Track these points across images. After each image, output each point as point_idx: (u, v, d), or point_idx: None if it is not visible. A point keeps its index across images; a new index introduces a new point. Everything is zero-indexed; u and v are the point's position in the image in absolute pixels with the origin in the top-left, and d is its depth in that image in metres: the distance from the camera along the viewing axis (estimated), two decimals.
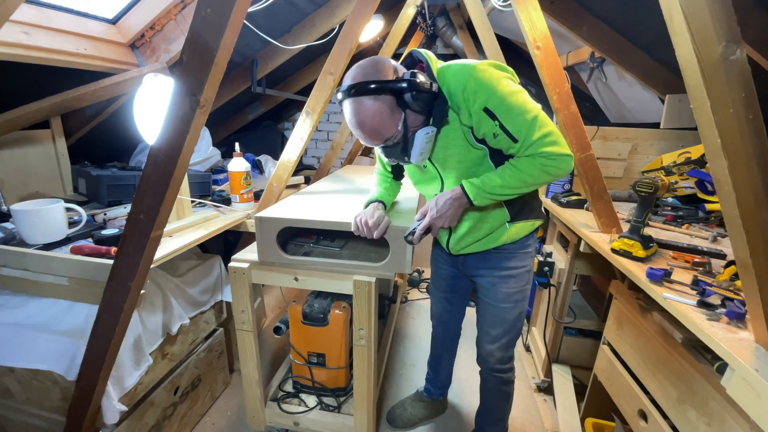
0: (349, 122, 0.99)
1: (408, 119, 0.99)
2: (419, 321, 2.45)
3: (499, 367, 1.32)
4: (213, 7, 0.68)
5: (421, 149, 1.01)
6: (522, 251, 1.21)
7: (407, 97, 0.94)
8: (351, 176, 2.11)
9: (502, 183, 1.00)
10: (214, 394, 1.72)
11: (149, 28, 1.62)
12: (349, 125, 1.00)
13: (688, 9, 0.56)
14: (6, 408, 1.17)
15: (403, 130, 0.99)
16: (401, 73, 0.97)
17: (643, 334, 1.17)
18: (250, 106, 3.04)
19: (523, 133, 0.95)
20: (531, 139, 0.95)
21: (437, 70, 1.02)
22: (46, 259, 1.04)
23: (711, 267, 1.10)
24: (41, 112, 1.49)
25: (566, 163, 0.98)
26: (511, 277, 1.21)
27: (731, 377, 0.75)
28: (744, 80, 0.57)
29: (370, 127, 0.97)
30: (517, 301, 1.23)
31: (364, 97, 0.94)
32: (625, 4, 1.58)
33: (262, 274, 1.28)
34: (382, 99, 0.94)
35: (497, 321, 1.25)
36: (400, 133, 0.99)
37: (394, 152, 1.05)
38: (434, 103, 1.00)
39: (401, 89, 0.93)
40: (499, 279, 1.22)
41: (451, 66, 1.02)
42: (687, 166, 1.64)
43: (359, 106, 0.95)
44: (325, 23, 2.14)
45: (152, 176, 0.81)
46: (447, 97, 1.00)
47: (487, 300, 1.26)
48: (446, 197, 1.05)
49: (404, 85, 0.93)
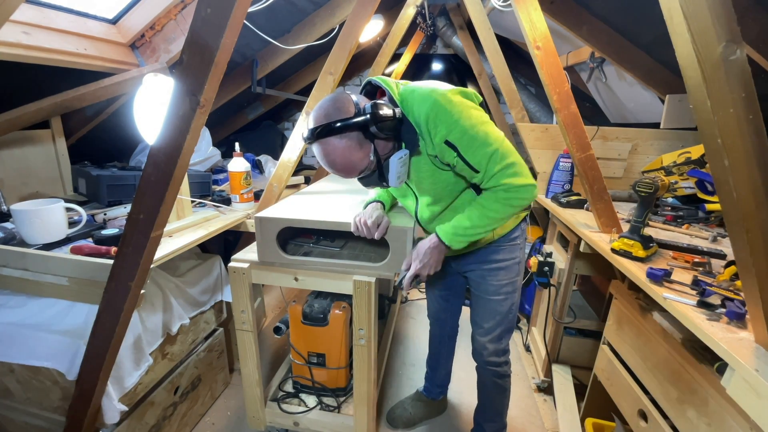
0: (321, 162, 1.00)
1: (378, 148, 1.00)
2: (419, 321, 2.45)
3: (493, 360, 1.33)
4: (213, 7, 0.68)
5: (397, 173, 1.03)
6: (509, 243, 1.23)
7: (372, 129, 0.95)
8: None
9: (471, 224, 1.04)
10: (214, 394, 1.72)
11: (149, 28, 1.62)
12: (322, 165, 1.01)
13: (688, 9, 0.56)
14: (6, 408, 1.17)
15: (375, 159, 1.01)
16: (362, 105, 0.97)
17: (643, 334, 1.17)
18: (250, 106, 3.04)
19: (484, 165, 0.98)
20: (492, 171, 0.98)
21: (399, 94, 1.03)
22: (46, 259, 1.04)
23: (711, 267, 1.10)
24: (41, 112, 1.49)
25: (529, 192, 1.00)
26: (501, 270, 1.23)
27: (731, 377, 0.75)
28: (744, 80, 0.57)
29: (342, 165, 0.99)
30: (508, 293, 1.25)
31: (330, 137, 0.95)
32: (625, 4, 1.58)
33: (262, 274, 1.28)
34: (348, 136, 0.95)
35: (489, 314, 1.28)
36: (373, 162, 1.01)
37: (371, 181, 1.06)
38: (401, 127, 1.01)
39: (365, 123, 0.94)
40: (488, 272, 1.24)
41: (415, 90, 1.01)
42: (687, 166, 1.64)
43: (327, 147, 0.96)
44: (325, 23, 2.14)
45: (152, 176, 0.81)
46: (414, 125, 1.01)
47: (479, 293, 1.29)
48: (425, 247, 1.09)
49: (367, 118, 0.93)
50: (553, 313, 1.76)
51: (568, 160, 1.89)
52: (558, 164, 1.92)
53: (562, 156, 1.92)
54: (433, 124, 0.97)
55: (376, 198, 1.24)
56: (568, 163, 1.90)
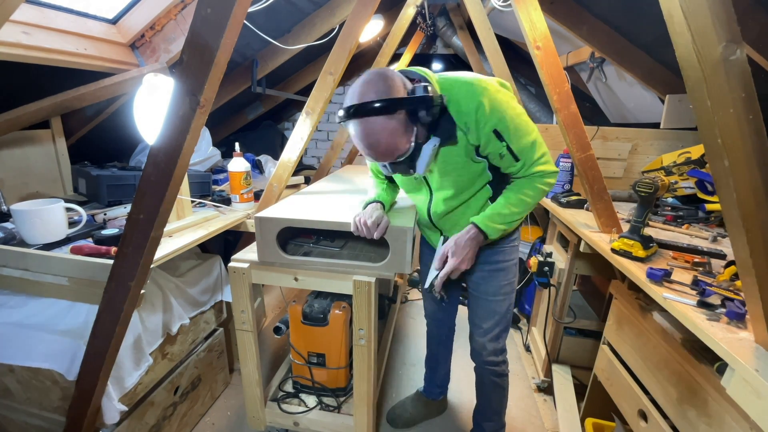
0: (359, 142, 0.95)
1: (418, 133, 0.98)
2: (419, 321, 2.45)
3: (492, 360, 1.34)
4: (213, 7, 0.68)
5: (428, 161, 1.01)
6: (509, 245, 1.26)
7: (421, 113, 0.92)
8: (351, 176, 2.11)
9: (509, 211, 1.07)
10: (214, 394, 1.72)
11: (149, 28, 1.62)
12: (359, 145, 0.96)
13: (688, 9, 0.56)
14: (6, 408, 1.17)
15: (414, 145, 0.98)
16: (408, 86, 0.94)
17: (643, 334, 1.17)
18: (250, 106, 3.04)
19: (525, 154, 1.03)
20: (531, 159, 1.03)
21: (438, 83, 1.01)
22: (46, 259, 1.04)
23: (711, 267, 1.10)
24: (41, 112, 1.49)
25: (554, 179, 1.09)
26: (501, 271, 1.25)
27: (731, 377, 0.75)
28: (744, 80, 0.57)
29: (385, 146, 0.94)
30: (507, 294, 1.27)
31: (378, 116, 0.89)
32: (625, 4, 1.58)
33: (262, 274, 1.28)
34: (397, 117, 0.91)
35: (489, 314, 1.28)
36: (412, 148, 0.98)
37: (400, 167, 1.04)
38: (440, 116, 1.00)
39: (416, 106, 0.91)
40: (489, 273, 1.26)
41: (457, 81, 1.00)
42: (687, 166, 1.64)
43: (372, 126, 0.91)
44: (325, 23, 2.14)
45: (152, 176, 0.81)
46: (454, 115, 0.99)
47: (478, 294, 1.29)
48: (463, 239, 1.09)
49: (420, 102, 0.91)
50: (553, 313, 1.76)
51: (568, 160, 1.89)
52: (558, 164, 1.92)
53: (562, 156, 1.92)
54: (483, 114, 0.96)
55: (376, 198, 1.24)
56: (568, 163, 1.90)
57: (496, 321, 1.28)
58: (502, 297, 1.27)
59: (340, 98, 3.49)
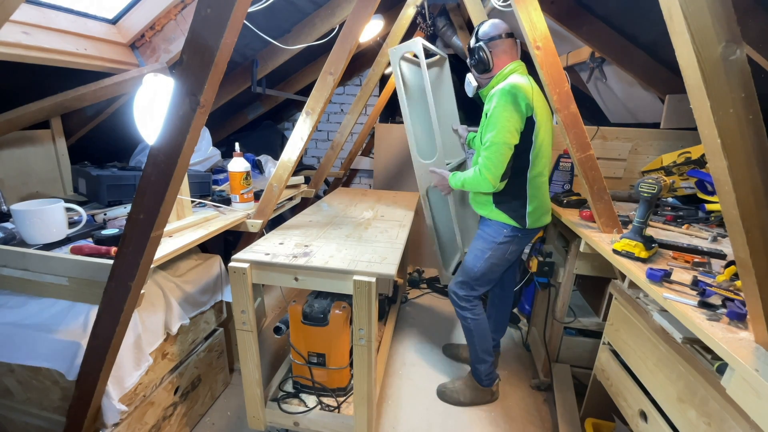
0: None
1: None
2: (419, 321, 2.45)
3: (455, 300, 1.66)
4: (213, 7, 0.68)
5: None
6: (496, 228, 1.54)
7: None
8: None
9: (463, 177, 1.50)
10: (214, 394, 1.72)
11: (149, 28, 1.62)
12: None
13: (688, 9, 0.56)
14: (6, 408, 1.17)
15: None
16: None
17: (643, 334, 1.17)
18: (250, 106, 3.04)
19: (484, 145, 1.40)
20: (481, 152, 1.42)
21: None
22: (46, 259, 1.04)
23: (711, 267, 1.10)
24: (41, 112, 1.49)
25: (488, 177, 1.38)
26: (481, 237, 1.59)
27: (731, 377, 0.75)
28: (744, 80, 0.57)
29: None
30: (476, 255, 1.58)
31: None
32: (625, 4, 1.58)
33: (262, 274, 1.28)
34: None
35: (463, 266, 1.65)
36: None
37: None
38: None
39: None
40: (476, 235, 1.63)
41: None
42: (687, 166, 1.64)
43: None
44: (325, 23, 2.14)
45: (152, 176, 0.81)
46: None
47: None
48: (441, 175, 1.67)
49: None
50: (553, 313, 1.76)
51: (568, 160, 1.89)
52: (558, 164, 1.92)
53: (562, 156, 1.92)
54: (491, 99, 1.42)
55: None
56: (568, 163, 1.90)
57: (461, 270, 1.65)
58: (472, 254, 1.60)
59: (340, 98, 3.49)
